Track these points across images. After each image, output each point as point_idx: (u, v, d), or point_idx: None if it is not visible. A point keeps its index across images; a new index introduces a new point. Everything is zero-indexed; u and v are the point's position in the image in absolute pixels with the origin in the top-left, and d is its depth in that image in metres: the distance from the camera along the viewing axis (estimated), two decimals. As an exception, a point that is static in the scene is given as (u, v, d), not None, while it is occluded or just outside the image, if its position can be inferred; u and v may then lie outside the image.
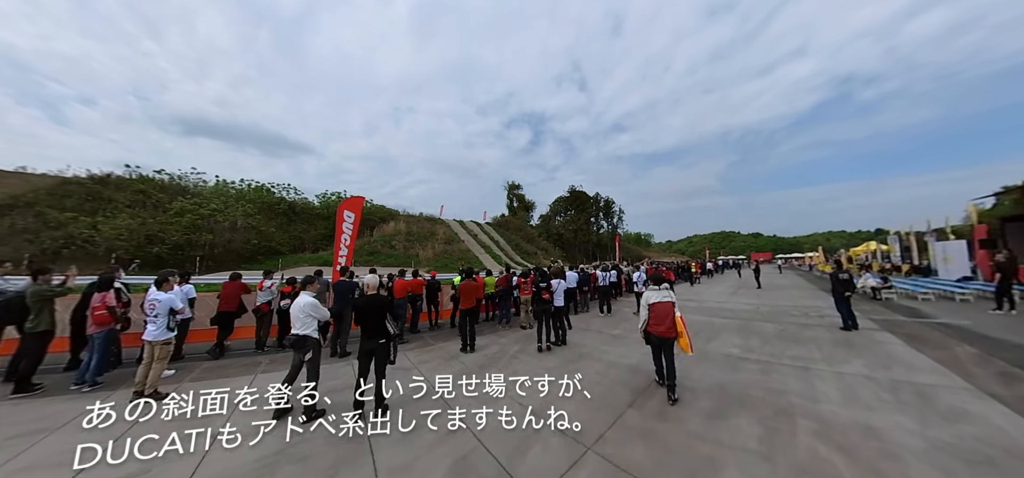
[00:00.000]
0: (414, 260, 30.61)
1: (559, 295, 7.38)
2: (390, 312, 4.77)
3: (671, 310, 4.39)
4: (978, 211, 31.09)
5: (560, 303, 7.39)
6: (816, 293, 16.25)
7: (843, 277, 8.24)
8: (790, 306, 11.87)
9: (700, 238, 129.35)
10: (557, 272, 7.77)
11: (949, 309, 11.05)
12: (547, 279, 7.29)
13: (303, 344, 4.50)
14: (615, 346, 6.92)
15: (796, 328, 8.29)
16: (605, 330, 8.51)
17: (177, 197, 27.83)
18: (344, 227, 10.14)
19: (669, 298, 4.46)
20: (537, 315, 7.14)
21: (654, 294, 4.52)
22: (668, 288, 4.65)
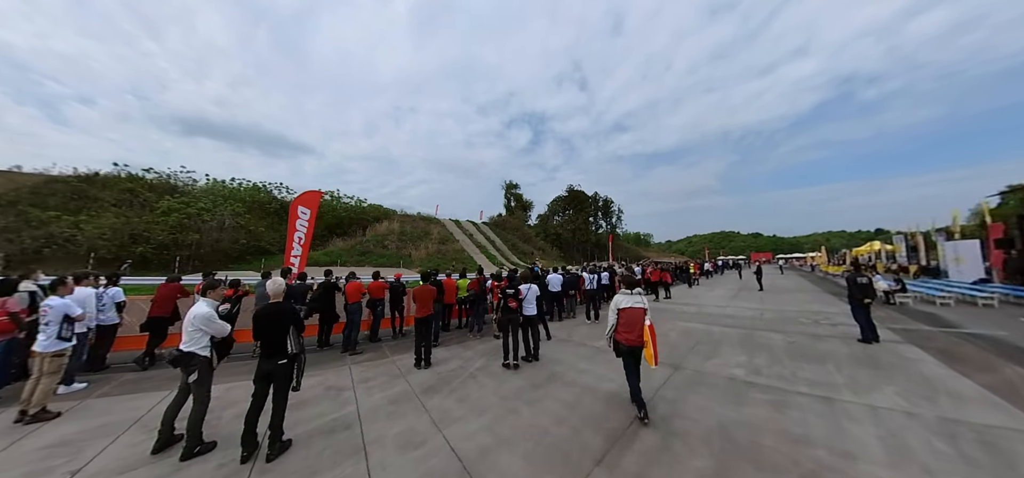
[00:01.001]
0: (406, 260, 29.57)
1: (530, 303, 6.23)
2: (295, 325, 3.70)
3: (641, 317, 3.85)
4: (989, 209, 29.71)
5: (531, 312, 6.24)
6: (822, 296, 15.01)
7: (862, 281, 7.04)
8: (796, 312, 10.65)
9: (700, 238, 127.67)
10: (527, 276, 6.61)
11: (973, 316, 9.83)
12: (515, 284, 6.14)
13: (188, 362, 3.53)
14: (595, 363, 5.75)
15: (807, 340, 7.09)
16: (588, 341, 7.34)
17: (165, 196, 26.87)
18: (298, 225, 9.06)
19: (640, 304, 3.94)
20: (503, 327, 5.99)
21: (624, 299, 4.00)
22: (641, 293, 4.12)
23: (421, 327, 6.26)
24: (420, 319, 6.34)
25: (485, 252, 34.54)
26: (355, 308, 7.87)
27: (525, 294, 6.20)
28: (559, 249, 45.15)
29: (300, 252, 9.07)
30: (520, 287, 6.23)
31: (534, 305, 6.32)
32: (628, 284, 4.16)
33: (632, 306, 3.92)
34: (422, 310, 6.42)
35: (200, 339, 3.63)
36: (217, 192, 30.34)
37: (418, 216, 38.13)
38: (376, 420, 4.09)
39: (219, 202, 28.13)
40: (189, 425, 3.36)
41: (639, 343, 3.83)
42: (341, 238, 31.55)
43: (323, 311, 8.22)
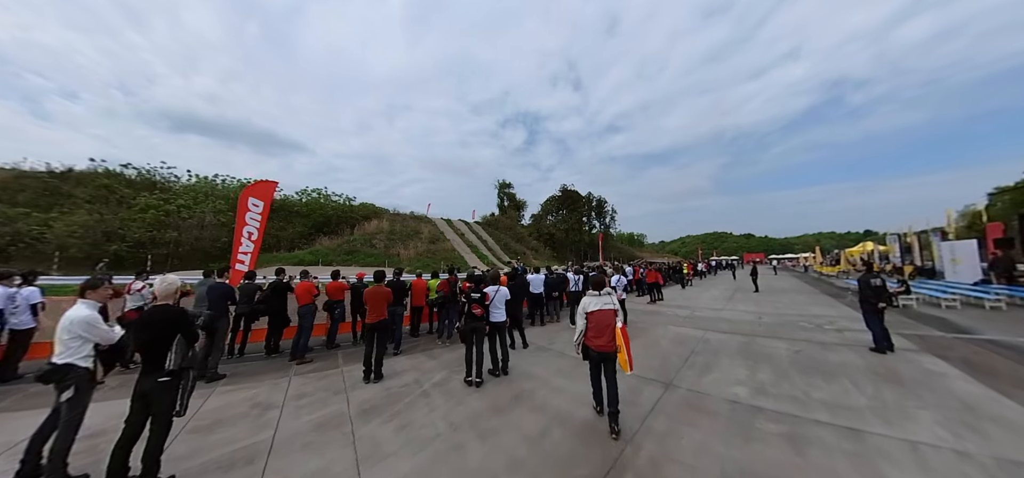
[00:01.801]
0: (394, 260, 28.57)
1: (498, 308, 5.32)
2: (183, 334, 2.85)
3: (612, 320, 3.59)
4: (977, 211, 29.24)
5: (499, 318, 5.33)
6: (820, 298, 14.25)
7: (875, 283, 6.21)
8: (796, 315, 9.84)
9: (693, 238, 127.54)
10: (494, 278, 5.70)
11: (984, 319, 9.06)
12: (480, 287, 5.23)
13: (63, 376, 2.81)
14: (574, 379, 4.85)
15: (814, 349, 6.25)
16: (569, 350, 6.42)
17: (143, 193, 25.66)
18: (248, 218, 8.08)
19: (610, 306, 3.66)
20: (466, 337, 5.07)
21: (593, 301, 3.71)
22: (611, 293, 3.84)
23: (371, 335, 5.36)
24: (369, 326, 5.43)
25: (476, 252, 33.57)
26: (306, 311, 6.95)
27: (492, 298, 5.29)
28: (552, 249, 44.23)
29: (251, 249, 8.09)
30: (487, 290, 5.33)
31: (503, 310, 5.41)
32: (596, 285, 3.82)
33: (601, 309, 3.61)
34: (373, 315, 5.51)
35: (79, 348, 2.89)
36: (198, 189, 29.15)
37: (408, 215, 37.06)
38: (288, 453, 3.20)
39: (201, 199, 26.95)
40: (51, 452, 2.66)
41: (609, 348, 3.53)
42: (328, 237, 30.44)
43: (272, 314, 7.29)
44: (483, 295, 5.20)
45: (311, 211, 32.20)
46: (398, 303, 7.25)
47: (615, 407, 3.38)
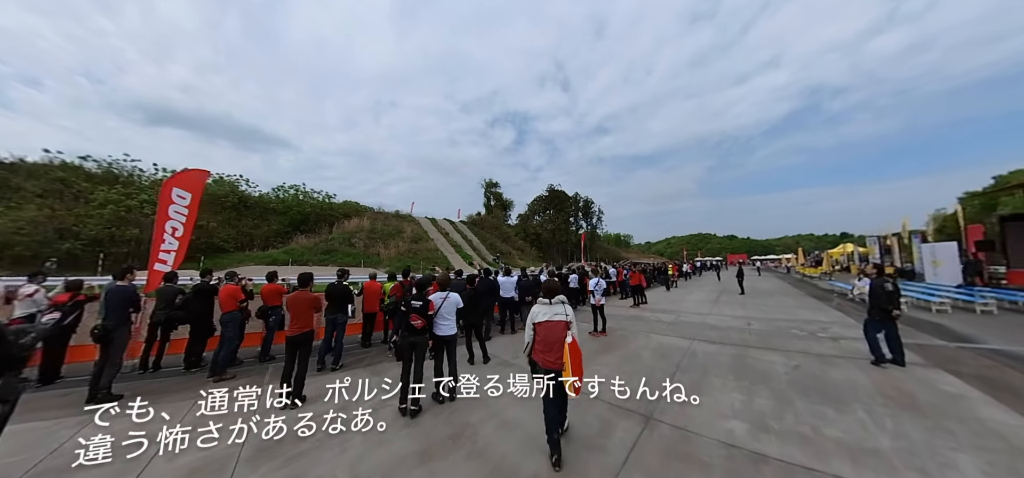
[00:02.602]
0: (374, 259, 27.31)
1: (445, 318, 4.37)
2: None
3: (562, 333, 3.06)
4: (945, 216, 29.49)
5: (447, 331, 4.38)
6: (807, 301, 13.67)
7: (888, 288, 5.46)
8: (786, 320, 9.13)
9: (678, 239, 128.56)
10: (443, 281, 4.75)
11: (980, 325, 8.49)
12: (421, 293, 4.27)
13: None
14: (532, 409, 3.88)
15: (813, 363, 5.46)
16: (537, 365, 5.52)
17: (103, 187, 23.84)
18: (173, 212, 6.96)
19: (561, 317, 3.16)
20: (402, 353, 4.11)
21: (542, 310, 3.26)
22: (564, 302, 3.33)
23: (292, 349, 4.36)
24: (290, 339, 4.43)
25: (460, 251, 32.50)
26: (230, 319, 5.90)
27: (438, 307, 4.33)
28: (538, 249, 43.44)
29: (174, 247, 6.96)
30: (432, 298, 4.37)
31: (452, 322, 4.46)
32: (548, 292, 3.32)
33: (550, 320, 3.15)
34: (296, 325, 4.51)
35: None
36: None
37: (390, 213, 35.73)
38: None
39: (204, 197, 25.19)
40: None
41: (558, 366, 3.03)
42: (305, 235, 28.98)
43: (195, 321, 6.21)
44: (425, 303, 4.24)
45: (288, 208, 30.66)
46: (339, 311, 6.24)
47: (555, 434, 2.91)
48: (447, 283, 4.96)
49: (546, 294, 3.34)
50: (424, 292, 4.57)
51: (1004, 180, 36.14)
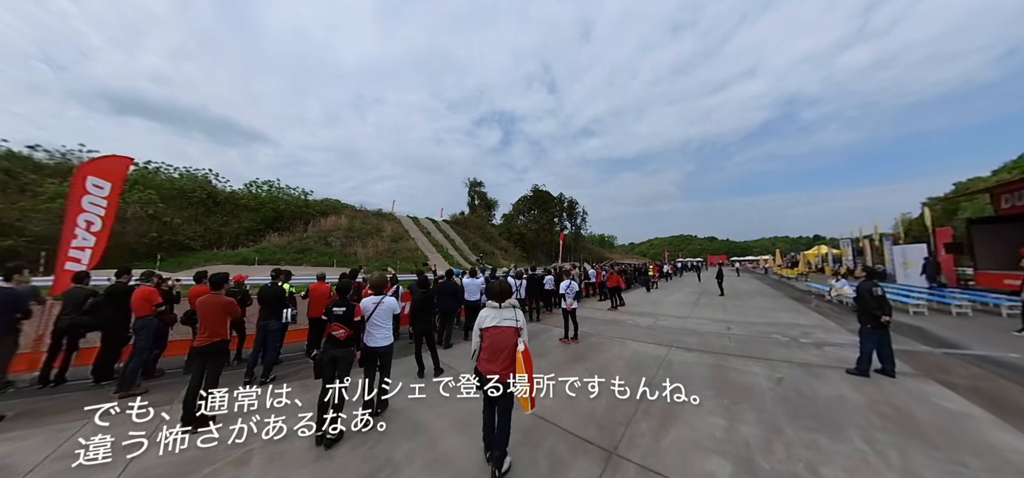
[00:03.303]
0: (351, 259, 26.14)
1: (379, 327, 3.63)
2: None
3: (511, 341, 2.73)
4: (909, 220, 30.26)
5: (380, 341, 3.64)
6: (785, 302, 13.38)
7: (877, 292, 4.95)
8: (766, 324, 8.66)
9: (660, 241, 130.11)
10: (377, 284, 4.01)
11: (957, 327, 8.20)
12: (344, 298, 3.52)
13: None
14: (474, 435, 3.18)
15: (798, 375, 4.90)
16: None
17: (53, 180, 22.00)
18: (87, 203, 5.98)
19: (510, 322, 2.79)
20: (322, 368, 3.36)
21: (489, 315, 2.87)
22: (515, 306, 2.93)
23: (199, 362, 3.56)
24: (199, 349, 3.63)
25: (441, 251, 31.54)
26: (142, 325, 5.01)
27: (369, 313, 3.57)
28: (522, 250, 42.78)
29: (90, 243, 5.97)
30: (363, 303, 3.61)
31: (387, 330, 3.72)
32: (496, 295, 2.99)
33: (498, 325, 2.83)
34: (205, 334, 3.71)
35: None
36: (128, 177, 25.56)
37: (369, 211, 34.45)
38: None
39: (124, 188, 23.46)
40: None
41: (504, 376, 2.69)
42: (279, 233, 27.56)
43: (107, 328, 5.30)
44: (350, 309, 3.48)
45: (261, 205, 29.13)
46: (273, 316, 5.40)
47: (502, 449, 2.68)
48: (382, 285, 4.20)
49: (495, 297, 2.97)
50: (348, 296, 3.80)
51: (963, 186, 37.56)
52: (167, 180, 26.93)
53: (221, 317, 4.00)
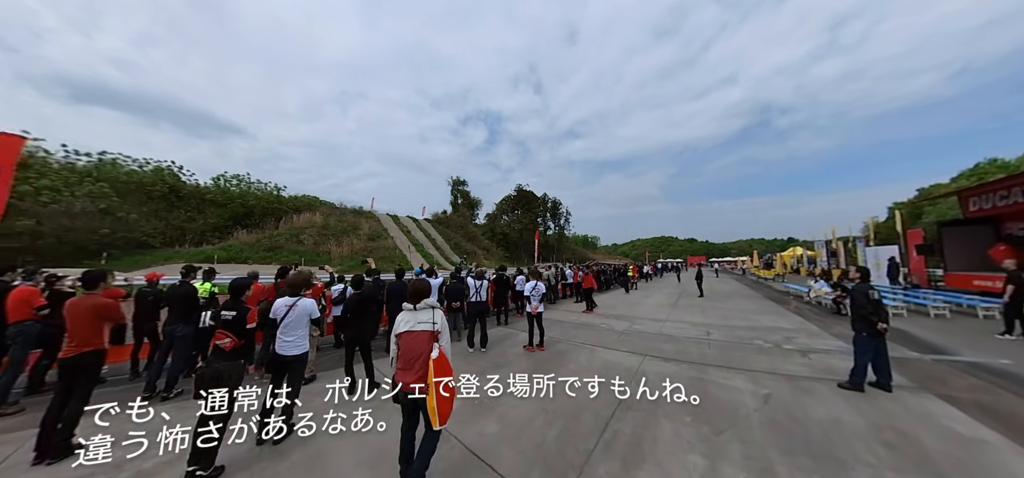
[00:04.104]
0: (324, 257, 24.79)
1: (292, 335, 2.85)
2: None
3: (425, 348, 2.39)
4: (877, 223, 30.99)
5: (292, 351, 2.89)
6: (765, 303, 13.00)
7: (873, 296, 4.36)
8: (747, 328, 8.11)
9: (643, 241, 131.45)
10: (297, 282, 3.17)
11: (939, 330, 7.83)
12: (237, 300, 2.70)
13: None
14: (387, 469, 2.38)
15: (786, 390, 4.26)
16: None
17: (-10, 169, 19.88)
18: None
19: (426, 326, 2.47)
20: (202, 386, 2.54)
21: (404, 319, 2.55)
22: (433, 308, 2.58)
23: (65, 379, 2.70)
24: (65, 363, 2.76)
25: (421, 250, 30.44)
26: (17, 332, 4.01)
27: (282, 316, 2.78)
28: (505, 250, 41.94)
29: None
30: (276, 304, 2.82)
31: (302, 338, 2.94)
32: (413, 295, 2.58)
33: (412, 329, 2.46)
34: (74, 343, 2.85)
35: None
36: (82, 170, 23.53)
37: (347, 209, 32.97)
38: None
39: (74, 181, 21.58)
40: None
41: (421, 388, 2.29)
42: (248, 230, 25.96)
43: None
44: (241, 313, 2.64)
45: (230, 200, 27.39)
46: (181, 320, 4.47)
47: (421, 471, 2.30)
48: (300, 285, 3.33)
49: (412, 297, 2.60)
50: (241, 298, 2.93)
51: (926, 191, 38.91)
52: (124, 172, 24.98)
53: (93, 323, 3.10)
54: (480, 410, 3.57)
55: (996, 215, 13.89)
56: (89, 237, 20.53)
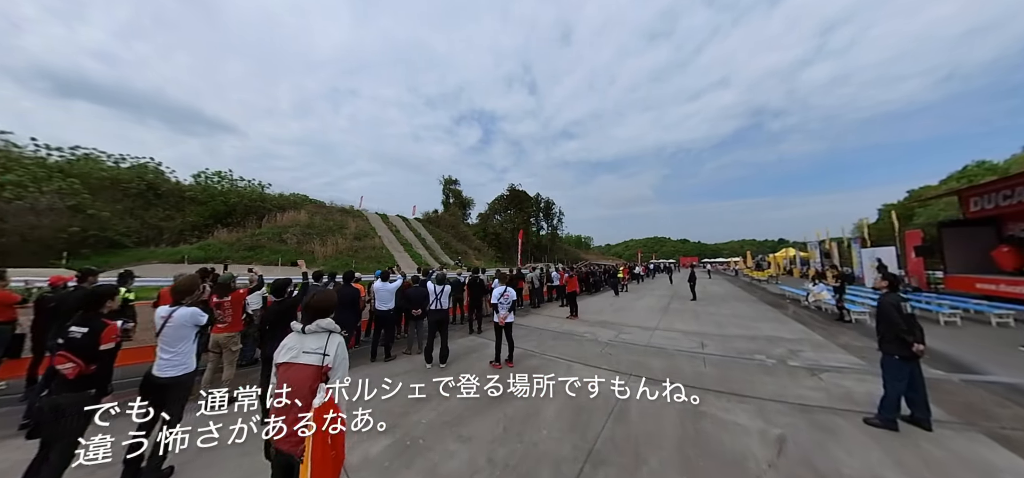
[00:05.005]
0: (307, 257, 23.69)
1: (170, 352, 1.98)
2: None
3: (308, 384, 1.70)
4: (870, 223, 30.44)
5: (169, 372, 2.10)
6: (761, 308, 12.15)
7: (906, 309, 3.48)
8: (745, 337, 7.22)
9: (636, 242, 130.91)
10: (181, 287, 2.21)
11: (955, 340, 6.98)
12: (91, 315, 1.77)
13: None
14: None
15: (801, 426, 3.35)
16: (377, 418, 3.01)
17: (-50, 164, 18.72)
18: None
19: (313, 359, 1.75)
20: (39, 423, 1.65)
21: (288, 343, 1.83)
22: (329, 331, 1.84)
23: None
24: None
25: (409, 249, 29.39)
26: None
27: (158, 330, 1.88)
28: (497, 250, 41.00)
29: None
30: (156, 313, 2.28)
31: (184, 355, 2.14)
32: (307, 312, 1.86)
33: (295, 361, 1.76)
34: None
35: None
36: (51, 165, 22.24)
37: (334, 207, 31.82)
38: None
39: (42, 177, 20.31)
40: None
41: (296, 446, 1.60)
42: (228, 229, 24.78)
43: None
44: (94, 331, 1.71)
45: (211, 197, 26.20)
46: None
47: None
48: (185, 291, 2.38)
49: (304, 314, 1.87)
50: (100, 309, 1.97)
51: (917, 194, 38.59)
52: (100, 168, 23.72)
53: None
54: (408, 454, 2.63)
55: (998, 215, 13.15)
56: (57, 235, 19.30)
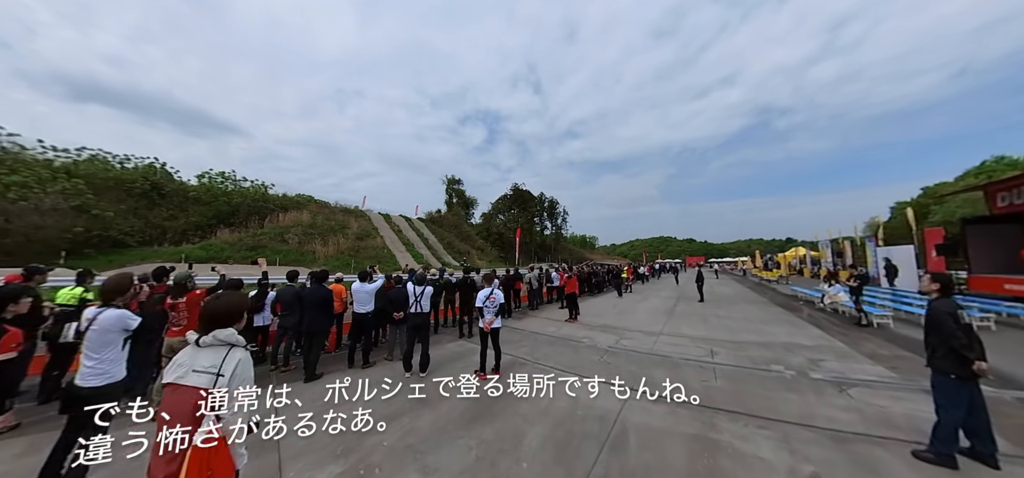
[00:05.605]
0: (309, 257, 23.43)
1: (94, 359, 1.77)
2: None
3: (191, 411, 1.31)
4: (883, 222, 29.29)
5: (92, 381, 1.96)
6: (773, 310, 11.44)
7: (963, 319, 2.86)
8: (759, 344, 6.57)
9: (641, 242, 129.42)
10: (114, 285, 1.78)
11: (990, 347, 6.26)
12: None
13: None
14: None
15: (838, 464, 2.74)
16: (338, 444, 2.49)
17: (-44, 165, 18.73)
18: None
19: (203, 382, 1.36)
20: None
21: (180, 359, 1.43)
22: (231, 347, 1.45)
23: None
24: None
25: (411, 249, 28.99)
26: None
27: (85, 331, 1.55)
28: (500, 250, 40.44)
29: None
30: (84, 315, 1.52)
31: (111, 363, 1.73)
32: (204, 321, 1.49)
33: (181, 381, 1.40)
34: None
35: None
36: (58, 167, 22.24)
37: (337, 207, 31.56)
38: None
39: (47, 178, 20.28)
40: None
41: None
42: (231, 229, 24.63)
43: None
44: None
45: (214, 197, 26.07)
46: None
47: None
48: (119, 290, 1.90)
49: (202, 323, 1.47)
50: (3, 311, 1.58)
51: (932, 190, 37.18)
52: (102, 169, 23.72)
53: None
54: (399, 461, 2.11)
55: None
56: (61, 235, 19.25)
